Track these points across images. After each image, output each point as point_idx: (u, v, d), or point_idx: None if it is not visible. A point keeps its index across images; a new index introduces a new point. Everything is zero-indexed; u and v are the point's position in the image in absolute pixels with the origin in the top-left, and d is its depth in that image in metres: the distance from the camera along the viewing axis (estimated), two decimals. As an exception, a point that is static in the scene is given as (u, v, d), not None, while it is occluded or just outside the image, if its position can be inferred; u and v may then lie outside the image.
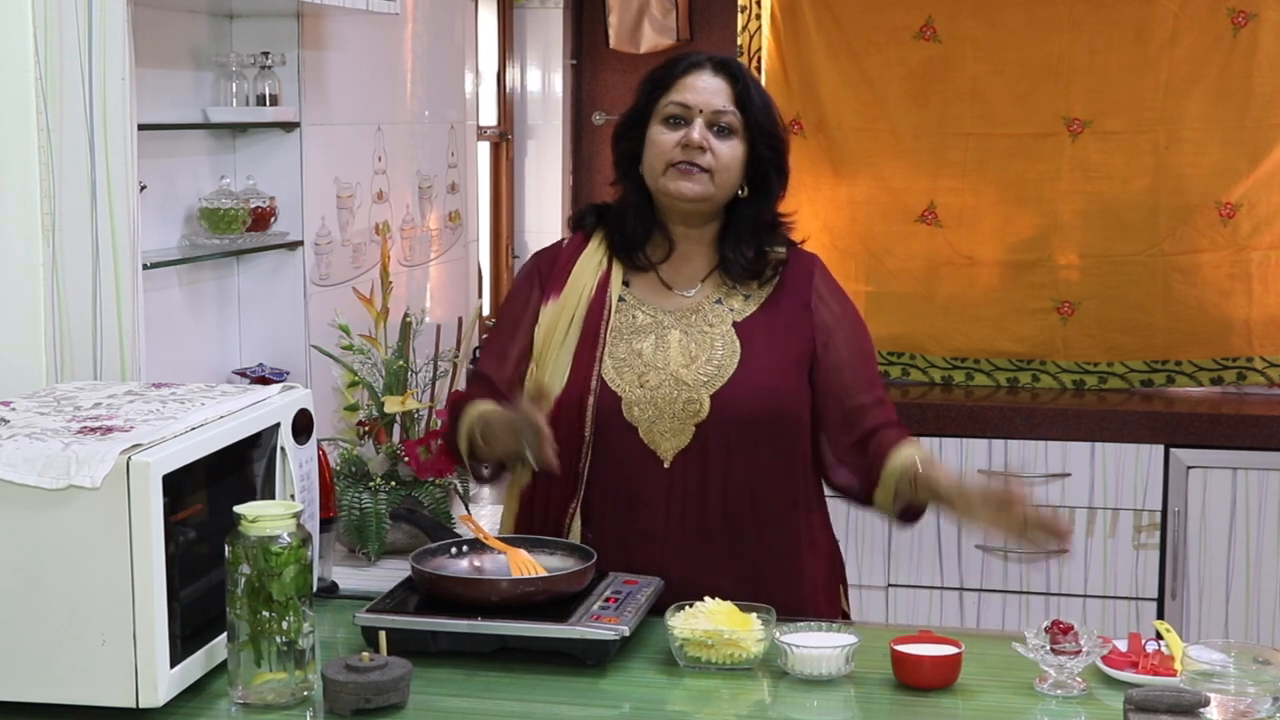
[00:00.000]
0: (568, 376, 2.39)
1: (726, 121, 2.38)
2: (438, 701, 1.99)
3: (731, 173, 2.39)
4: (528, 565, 2.26)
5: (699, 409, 2.36)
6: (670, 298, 2.45)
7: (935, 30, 4.53)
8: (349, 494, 3.03)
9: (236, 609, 1.92)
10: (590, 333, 2.41)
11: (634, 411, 2.37)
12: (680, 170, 2.37)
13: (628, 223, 2.45)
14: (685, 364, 2.38)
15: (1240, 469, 4.12)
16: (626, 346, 2.40)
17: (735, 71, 2.42)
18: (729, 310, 2.43)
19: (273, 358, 3.31)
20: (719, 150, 2.37)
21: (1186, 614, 4.15)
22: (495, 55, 4.92)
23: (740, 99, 2.39)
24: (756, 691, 2.07)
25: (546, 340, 2.43)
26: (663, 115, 2.40)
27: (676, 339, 2.40)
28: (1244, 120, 4.39)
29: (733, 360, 2.38)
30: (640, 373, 2.38)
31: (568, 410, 2.38)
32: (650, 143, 2.41)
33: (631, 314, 2.44)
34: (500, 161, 4.98)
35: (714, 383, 2.37)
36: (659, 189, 2.41)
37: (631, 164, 2.45)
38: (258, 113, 3.21)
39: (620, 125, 2.48)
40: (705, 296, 2.44)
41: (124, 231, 2.43)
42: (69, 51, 2.36)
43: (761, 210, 2.44)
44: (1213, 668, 1.91)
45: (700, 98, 2.38)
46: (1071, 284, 4.54)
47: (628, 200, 2.47)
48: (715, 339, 2.40)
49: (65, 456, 1.85)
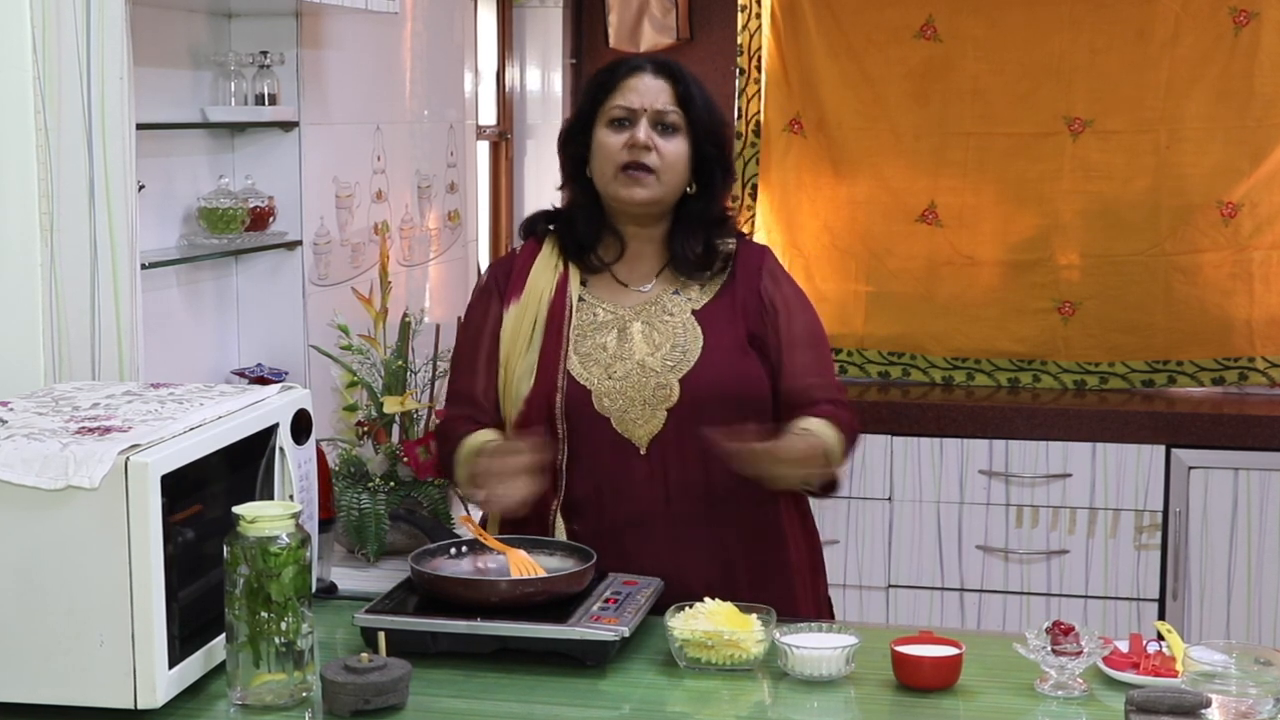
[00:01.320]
0: (534, 376, 2.43)
1: (670, 120, 2.43)
2: (437, 702, 1.99)
3: (677, 171, 2.44)
4: (527, 566, 2.25)
5: (669, 393, 2.40)
6: (627, 294, 2.49)
7: (936, 29, 4.53)
8: (348, 494, 3.03)
9: (235, 610, 1.92)
10: (554, 332, 2.45)
11: (604, 402, 2.41)
12: (629, 175, 2.42)
13: (578, 226, 2.50)
14: (650, 351, 2.42)
15: (1242, 469, 4.12)
16: (591, 341, 2.45)
17: (675, 73, 2.47)
18: (686, 300, 2.48)
19: (271, 358, 3.30)
20: (664, 149, 2.42)
21: (1188, 615, 4.15)
22: (495, 54, 4.91)
23: (682, 98, 2.45)
24: (756, 692, 2.06)
25: (512, 344, 2.47)
26: (608, 118, 2.45)
27: (639, 330, 2.45)
28: (1245, 120, 4.39)
29: (696, 344, 2.43)
30: (607, 365, 2.42)
31: (538, 408, 2.41)
32: (598, 146, 2.45)
33: (592, 312, 2.48)
34: (500, 161, 4.97)
35: (681, 366, 2.41)
36: (609, 194, 2.46)
37: (578, 167, 2.50)
38: (256, 112, 3.21)
39: (566, 130, 2.53)
40: (662, 290, 2.49)
41: (122, 231, 2.43)
42: (67, 51, 2.35)
43: (709, 206, 2.50)
44: (1214, 669, 1.90)
45: (643, 98, 2.43)
46: (1072, 284, 4.53)
47: (576, 203, 2.52)
48: (676, 326, 2.45)
49: (63, 457, 1.85)
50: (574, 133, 2.50)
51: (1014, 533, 4.26)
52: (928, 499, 4.28)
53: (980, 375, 4.59)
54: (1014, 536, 4.25)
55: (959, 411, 4.30)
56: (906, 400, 4.39)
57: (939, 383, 4.60)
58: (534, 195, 5.01)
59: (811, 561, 2.56)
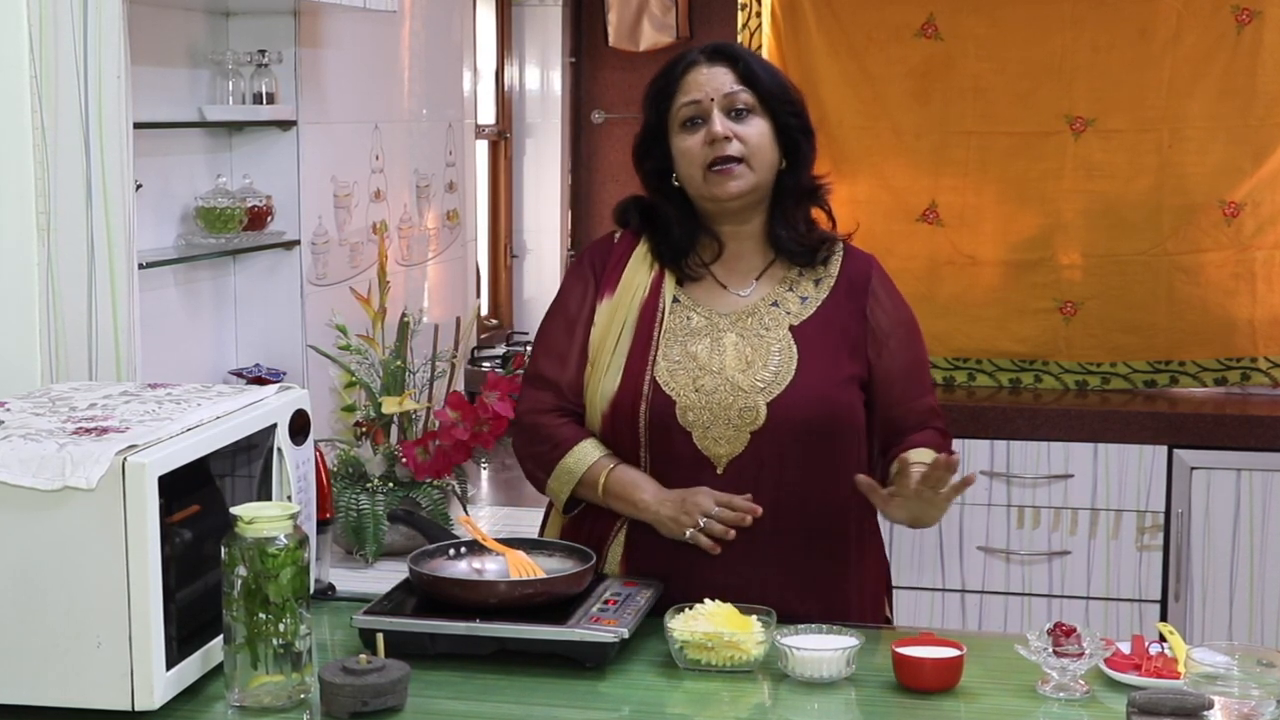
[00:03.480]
0: (620, 379, 2.37)
1: (742, 103, 2.37)
2: (436, 704, 1.98)
3: (766, 151, 2.38)
4: (526, 567, 2.25)
5: (756, 416, 2.33)
6: (725, 298, 2.42)
7: (937, 28, 4.52)
8: (346, 495, 3.02)
9: (233, 611, 1.91)
10: (644, 334, 2.39)
11: (688, 416, 2.34)
12: (718, 172, 2.35)
13: (672, 235, 2.43)
14: (742, 369, 2.35)
15: (1244, 470, 4.10)
16: (681, 349, 2.38)
17: (731, 54, 2.41)
18: (785, 314, 2.40)
19: (269, 358, 3.30)
20: (745, 133, 2.36)
21: (1190, 616, 4.14)
22: (494, 53, 4.91)
23: (745, 77, 2.38)
24: (757, 694, 2.06)
25: (601, 341, 2.41)
26: (679, 121, 2.38)
27: (732, 343, 2.38)
28: (1248, 119, 4.38)
29: (790, 367, 2.35)
30: (695, 376, 2.36)
31: (620, 413, 2.36)
32: (679, 154, 2.39)
33: (686, 315, 2.41)
34: (499, 160, 4.97)
35: (771, 390, 2.34)
36: (703, 195, 2.39)
37: (661, 179, 2.43)
38: (254, 111, 3.20)
39: (639, 145, 2.45)
40: (761, 298, 2.42)
41: (119, 230, 2.42)
42: (64, 49, 2.35)
43: (800, 177, 2.43)
44: (1216, 670, 1.90)
45: (707, 88, 2.37)
46: (1074, 284, 4.52)
47: (668, 214, 2.43)
48: (772, 344, 2.37)
49: (60, 457, 1.84)
50: (648, 145, 2.43)
51: (1015, 533, 4.25)
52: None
53: (981, 375, 4.58)
54: (1015, 537, 4.24)
55: (960, 412, 4.29)
56: (907, 400, 4.38)
57: (940, 383, 4.58)
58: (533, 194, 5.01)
59: (877, 582, 2.49)
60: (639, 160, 2.46)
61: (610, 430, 2.38)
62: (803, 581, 2.36)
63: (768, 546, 2.34)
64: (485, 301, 4.78)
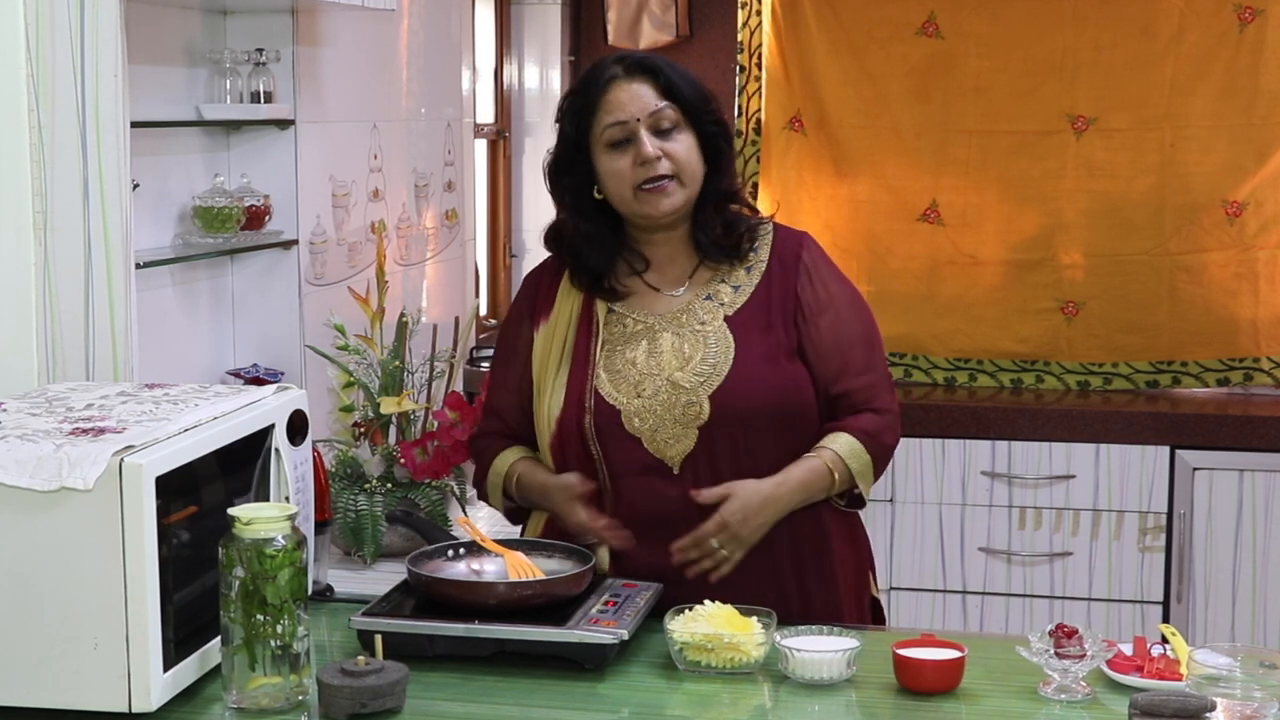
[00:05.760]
0: (563, 398, 2.38)
1: (668, 119, 2.35)
2: (434, 706, 1.97)
3: (693, 165, 2.37)
4: (525, 568, 2.24)
5: (700, 411, 2.33)
6: (660, 300, 2.42)
7: (937, 26, 4.51)
8: (344, 496, 3.02)
9: (230, 612, 1.90)
10: (582, 352, 2.40)
11: (634, 422, 2.34)
12: (650, 191, 2.34)
13: (589, 260, 2.40)
14: (679, 367, 2.35)
15: (1246, 470, 4.10)
16: (620, 357, 2.38)
17: (651, 67, 2.37)
18: (719, 305, 2.40)
19: (267, 358, 3.29)
20: (673, 150, 2.34)
21: (1192, 617, 4.13)
22: (493, 51, 4.90)
23: (667, 91, 2.35)
24: (757, 696, 2.05)
25: (542, 367, 2.42)
26: (605, 142, 2.35)
27: (669, 342, 2.37)
28: (1250, 118, 4.37)
29: (727, 357, 2.35)
30: (636, 382, 2.36)
31: (568, 431, 2.37)
32: (607, 175, 2.36)
33: (622, 323, 2.41)
34: (497, 159, 4.96)
35: (711, 382, 2.33)
36: (634, 214, 2.38)
37: (578, 196, 2.40)
38: (252, 110, 3.19)
39: (555, 162, 2.42)
40: (695, 294, 2.41)
41: (116, 230, 2.41)
42: (61, 48, 2.34)
43: (722, 182, 2.42)
44: (1219, 672, 1.89)
45: (631, 108, 2.34)
46: (1076, 283, 4.51)
47: (582, 231, 2.40)
48: (708, 336, 2.36)
49: (57, 458, 1.84)
50: (566, 162, 2.40)
51: (1017, 534, 4.24)
52: (929, 500, 4.26)
53: (983, 376, 4.57)
54: (1017, 538, 4.24)
55: (961, 412, 4.28)
56: (908, 401, 4.37)
57: (941, 383, 4.58)
58: (532, 194, 5.00)
59: (858, 568, 2.49)
60: (556, 177, 2.42)
61: (560, 450, 2.38)
62: (784, 564, 2.36)
63: None
64: (484, 301, 4.77)
